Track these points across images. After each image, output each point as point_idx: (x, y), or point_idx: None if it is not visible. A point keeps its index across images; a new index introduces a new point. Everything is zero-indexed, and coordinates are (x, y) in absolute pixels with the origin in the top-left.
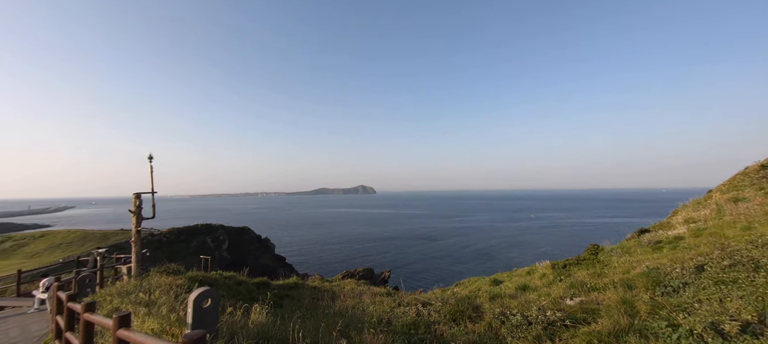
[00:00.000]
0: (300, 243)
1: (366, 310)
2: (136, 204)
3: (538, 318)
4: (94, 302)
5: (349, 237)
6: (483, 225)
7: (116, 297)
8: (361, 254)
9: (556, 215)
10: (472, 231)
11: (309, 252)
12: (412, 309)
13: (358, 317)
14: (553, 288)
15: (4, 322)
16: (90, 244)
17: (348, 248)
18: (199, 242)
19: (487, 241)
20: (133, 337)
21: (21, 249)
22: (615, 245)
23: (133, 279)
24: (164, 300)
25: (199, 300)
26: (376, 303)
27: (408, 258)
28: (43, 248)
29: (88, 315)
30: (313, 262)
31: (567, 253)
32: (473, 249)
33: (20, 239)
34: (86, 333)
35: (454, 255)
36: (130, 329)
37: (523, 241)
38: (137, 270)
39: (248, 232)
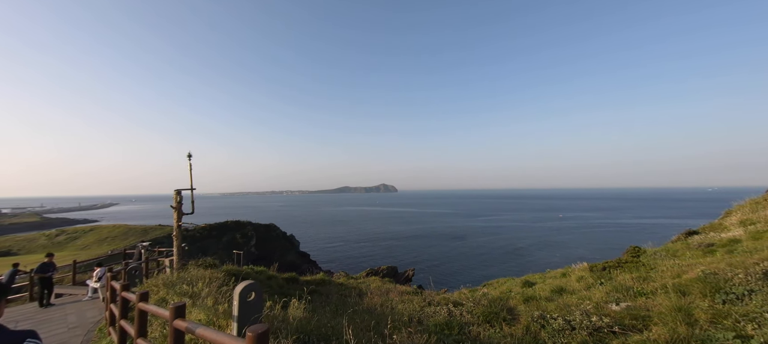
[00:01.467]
0: (323, 240)
1: (394, 308)
2: (177, 200)
3: (582, 323)
4: (147, 291)
5: (372, 235)
6: (509, 225)
7: (162, 287)
8: (383, 253)
9: (587, 215)
10: (497, 231)
11: (332, 249)
12: (443, 309)
13: (387, 315)
14: (593, 292)
15: (62, 309)
16: (132, 238)
17: (370, 246)
18: (229, 238)
19: (514, 241)
20: (190, 328)
21: (73, 242)
22: (659, 248)
23: (175, 271)
24: (207, 292)
25: (244, 293)
26: (405, 302)
27: (431, 257)
28: (92, 241)
29: (142, 304)
30: (336, 259)
31: (602, 255)
32: (499, 250)
33: (73, 233)
34: (141, 322)
35: (480, 255)
36: (186, 319)
37: (552, 242)
38: (179, 263)
39: (275, 229)
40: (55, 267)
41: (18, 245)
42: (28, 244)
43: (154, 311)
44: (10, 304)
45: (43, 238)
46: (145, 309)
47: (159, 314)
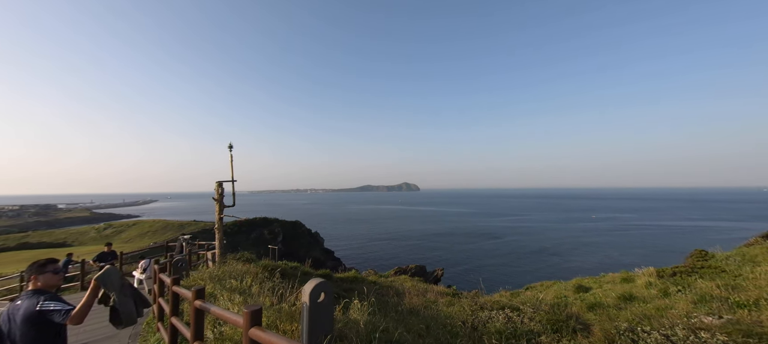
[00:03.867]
0: (347, 238)
1: (440, 311)
2: (219, 192)
3: (687, 339)
4: (203, 288)
5: (395, 234)
6: (538, 225)
7: (208, 281)
8: (408, 251)
9: (621, 216)
10: (525, 231)
11: (356, 247)
12: (500, 315)
13: (433, 317)
14: (672, 301)
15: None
16: (170, 233)
17: (394, 245)
18: (257, 234)
19: (545, 242)
20: (272, 341)
21: (118, 235)
22: (730, 252)
23: (217, 264)
24: (257, 289)
25: (314, 294)
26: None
27: (458, 256)
28: (135, 234)
29: (199, 303)
30: (360, 257)
31: (649, 259)
32: (530, 250)
33: (118, 227)
34: (197, 323)
35: (510, 256)
36: (264, 329)
37: (589, 244)
38: (220, 256)
39: (300, 226)
40: (115, 255)
41: (72, 237)
42: (80, 236)
43: (221, 315)
44: (63, 292)
45: (93, 231)
46: (202, 309)
47: (227, 318)
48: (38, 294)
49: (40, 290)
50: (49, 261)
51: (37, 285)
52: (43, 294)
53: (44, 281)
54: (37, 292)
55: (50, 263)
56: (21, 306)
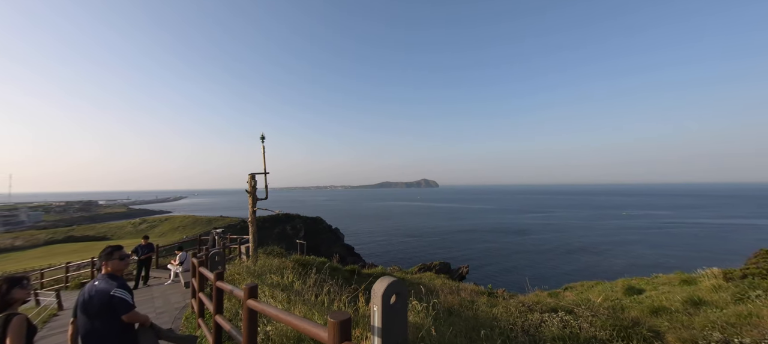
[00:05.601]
0: (367, 234)
1: (479, 311)
2: (252, 185)
3: None
4: (256, 286)
5: (415, 230)
6: (566, 222)
7: (246, 276)
8: (430, 248)
9: (655, 213)
10: (554, 228)
11: (376, 243)
12: (554, 318)
13: (479, 319)
14: (755, 307)
15: (149, 291)
16: (199, 227)
17: (415, 241)
18: (281, 229)
19: (576, 240)
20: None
21: (153, 229)
22: None
23: (250, 258)
24: (299, 286)
25: (387, 295)
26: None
27: (482, 254)
28: (168, 229)
29: (253, 302)
30: (380, 253)
31: (700, 259)
32: (562, 249)
33: (152, 222)
34: (250, 327)
35: (539, 254)
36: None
37: (623, 242)
38: (254, 250)
39: (321, 222)
40: (152, 247)
41: (111, 231)
42: (118, 231)
43: (294, 324)
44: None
45: (130, 226)
46: (256, 309)
47: (305, 330)
48: (112, 279)
49: (112, 274)
50: (115, 249)
51: (108, 270)
52: (116, 279)
53: (113, 266)
54: (110, 277)
55: (117, 250)
56: (98, 287)
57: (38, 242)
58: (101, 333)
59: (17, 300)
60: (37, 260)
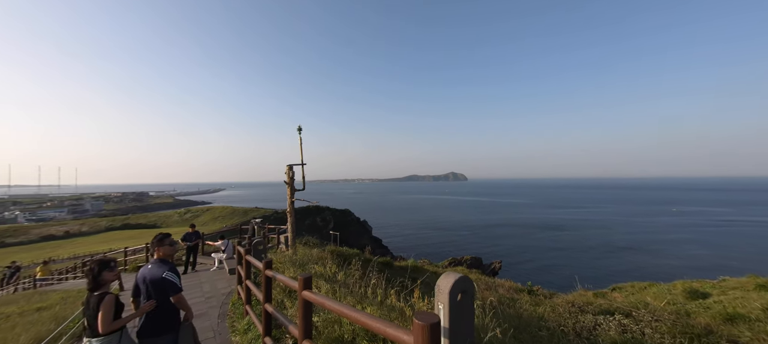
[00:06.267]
0: (394, 227)
1: (522, 309)
2: (290, 175)
3: None
4: (310, 277)
5: (443, 224)
6: (609, 218)
7: (289, 265)
8: (459, 242)
9: (713, 210)
10: (595, 224)
11: (403, 236)
12: (611, 321)
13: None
14: None
15: (197, 276)
16: (236, 218)
17: (443, 235)
18: (311, 221)
19: (621, 238)
20: None
21: (196, 219)
22: None
23: (290, 248)
24: (343, 277)
25: (454, 292)
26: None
27: (515, 250)
28: (209, 219)
29: (309, 294)
30: (409, 246)
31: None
32: (606, 247)
33: (195, 212)
34: (305, 317)
35: (579, 251)
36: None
37: (676, 241)
38: (293, 240)
39: (349, 214)
40: (199, 235)
41: (160, 220)
42: (166, 219)
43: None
44: None
45: (176, 215)
46: (315, 301)
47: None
48: (163, 264)
49: (163, 259)
50: (165, 236)
51: (160, 255)
52: (167, 264)
53: (164, 251)
54: (161, 261)
55: (167, 237)
56: (151, 270)
57: (100, 228)
58: (154, 310)
59: (106, 281)
60: (100, 244)
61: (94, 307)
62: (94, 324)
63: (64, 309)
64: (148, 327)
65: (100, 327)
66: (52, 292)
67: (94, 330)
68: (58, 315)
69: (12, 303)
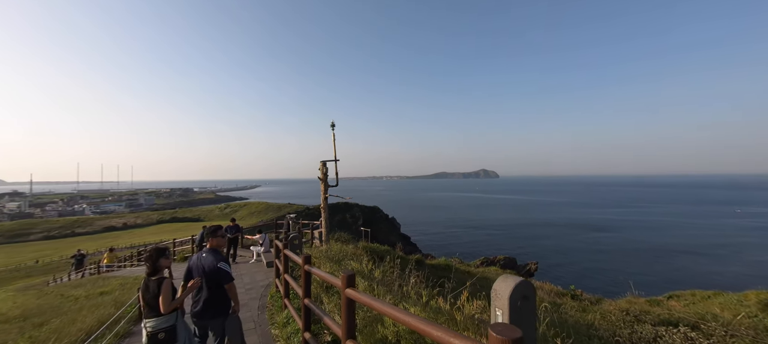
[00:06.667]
0: (423, 225)
1: (567, 315)
2: (323, 172)
3: None
4: (353, 274)
5: (474, 222)
6: (661, 220)
7: (325, 261)
8: (490, 241)
9: None
10: (645, 225)
11: (432, 234)
12: (675, 334)
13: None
14: None
15: (237, 268)
16: (271, 213)
17: (473, 233)
18: (341, 217)
19: (676, 241)
20: None
21: (235, 213)
22: None
23: (324, 243)
24: (380, 274)
25: (515, 296)
26: (582, 310)
27: (552, 251)
28: (246, 213)
29: (353, 292)
30: (438, 244)
31: None
32: (658, 250)
33: (234, 207)
34: (349, 315)
35: (628, 255)
36: None
37: (742, 245)
38: (327, 236)
39: (378, 211)
40: (239, 228)
41: (203, 214)
42: (208, 214)
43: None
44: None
45: (217, 210)
46: (360, 301)
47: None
48: (216, 253)
49: (215, 249)
50: (218, 228)
51: (213, 245)
52: (219, 254)
53: (216, 242)
54: (214, 251)
55: (219, 229)
56: (206, 259)
57: (152, 221)
58: (207, 296)
59: (163, 267)
60: (152, 236)
61: (154, 290)
62: (154, 304)
63: (122, 294)
64: (203, 310)
65: (162, 307)
66: (112, 278)
67: (154, 310)
68: (118, 299)
69: (80, 287)
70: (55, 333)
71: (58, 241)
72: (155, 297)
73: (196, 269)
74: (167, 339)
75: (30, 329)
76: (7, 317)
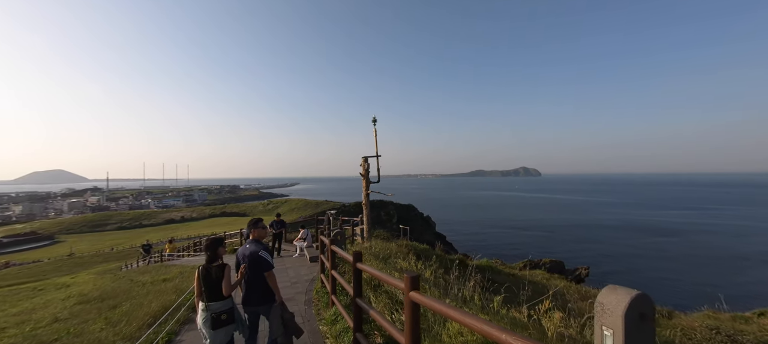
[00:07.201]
0: (459, 224)
1: None
2: (365, 168)
3: None
4: (418, 276)
5: (514, 222)
6: (738, 224)
7: (371, 258)
8: (533, 242)
9: None
10: (717, 231)
11: (469, 233)
12: None
13: None
14: None
15: (281, 262)
16: (309, 209)
17: (514, 234)
18: (375, 215)
19: (757, 250)
20: None
21: (276, 209)
22: None
23: (365, 240)
24: (430, 275)
25: (631, 315)
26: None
27: (604, 255)
28: (287, 210)
29: (417, 295)
30: (474, 244)
31: None
32: (737, 259)
33: (276, 203)
34: (414, 323)
35: (698, 264)
36: None
37: None
38: (369, 233)
39: (413, 209)
40: (284, 224)
41: (249, 209)
42: (253, 209)
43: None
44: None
45: (261, 206)
46: (421, 303)
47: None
48: (259, 244)
49: (257, 240)
50: (259, 220)
51: (255, 236)
52: (260, 244)
53: (258, 233)
54: (257, 242)
55: (260, 221)
56: (249, 249)
57: (204, 215)
58: (252, 282)
59: (220, 255)
60: (205, 228)
61: (216, 275)
62: (216, 288)
63: (182, 281)
64: (249, 297)
65: (224, 290)
66: (173, 266)
67: (215, 295)
68: (178, 286)
69: (146, 274)
70: (126, 315)
71: (129, 231)
72: (217, 281)
73: (241, 258)
74: (228, 320)
75: (106, 310)
76: (89, 298)
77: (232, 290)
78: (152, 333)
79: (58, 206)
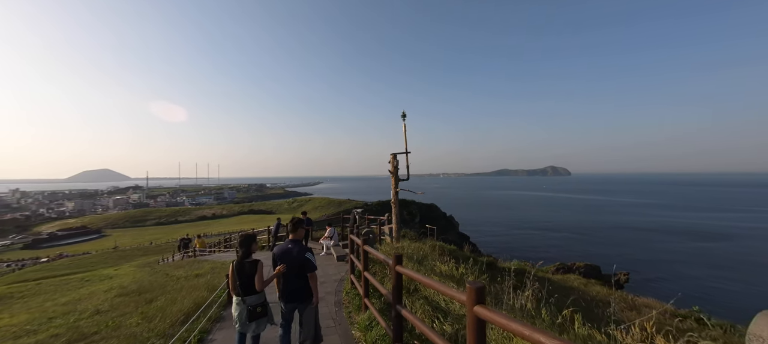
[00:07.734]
0: (484, 224)
1: None
2: (394, 165)
3: None
4: (483, 287)
5: (543, 224)
6: None
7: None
8: (564, 245)
9: None
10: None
11: (494, 234)
12: None
13: None
14: None
15: None
16: (332, 208)
17: (543, 236)
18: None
19: None
20: None
21: (300, 207)
22: None
23: (394, 240)
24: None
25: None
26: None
27: (643, 260)
28: (310, 208)
29: (485, 312)
30: (499, 245)
31: None
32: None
33: (300, 202)
34: (478, 334)
35: (752, 270)
36: None
37: None
38: (398, 232)
39: (436, 209)
40: (310, 221)
41: (275, 207)
42: (278, 207)
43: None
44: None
45: (286, 204)
46: (490, 320)
47: None
48: (299, 244)
49: (296, 240)
50: (300, 221)
51: (293, 236)
52: (305, 246)
53: (298, 235)
54: (296, 241)
55: (301, 222)
56: (293, 249)
57: (234, 212)
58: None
59: (253, 251)
60: (234, 225)
61: (250, 271)
62: (250, 283)
63: (213, 277)
64: (289, 293)
65: (257, 285)
66: (204, 262)
67: (248, 289)
68: (210, 282)
69: (180, 268)
70: (160, 311)
71: (166, 227)
72: (251, 276)
73: (281, 257)
74: (262, 313)
75: (142, 304)
76: (127, 290)
77: (264, 286)
78: (185, 331)
79: (105, 203)
